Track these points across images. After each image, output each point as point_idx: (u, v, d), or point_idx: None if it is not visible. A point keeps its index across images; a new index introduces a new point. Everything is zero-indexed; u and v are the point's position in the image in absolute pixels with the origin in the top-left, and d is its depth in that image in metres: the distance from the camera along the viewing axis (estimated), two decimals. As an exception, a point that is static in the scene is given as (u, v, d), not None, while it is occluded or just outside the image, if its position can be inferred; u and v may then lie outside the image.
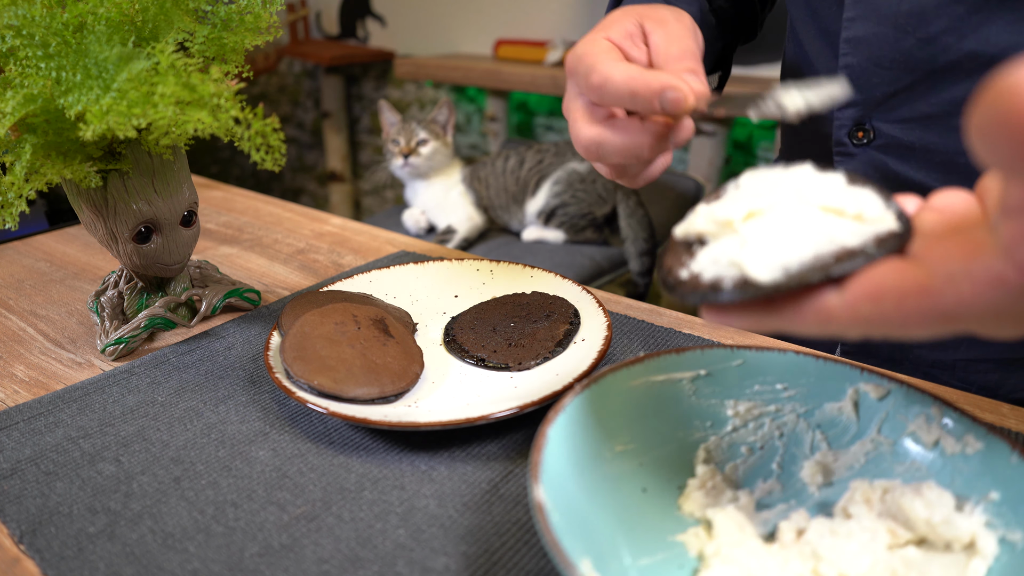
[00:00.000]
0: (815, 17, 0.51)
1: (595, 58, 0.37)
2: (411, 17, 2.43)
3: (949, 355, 0.52)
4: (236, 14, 0.47)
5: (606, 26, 0.41)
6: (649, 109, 0.35)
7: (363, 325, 0.45)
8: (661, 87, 0.34)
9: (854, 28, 0.46)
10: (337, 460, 0.38)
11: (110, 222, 0.47)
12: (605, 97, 0.36)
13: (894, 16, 0.44)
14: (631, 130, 0.37)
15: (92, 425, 0.41)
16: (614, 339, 0.49)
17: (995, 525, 0.28)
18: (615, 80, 0.35)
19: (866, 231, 0.23)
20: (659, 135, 0.37)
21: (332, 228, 0.76)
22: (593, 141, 0.38)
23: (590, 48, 0.38)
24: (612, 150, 0.38)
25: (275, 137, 0.40)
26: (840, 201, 0.24)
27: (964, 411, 0.31)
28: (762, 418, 0.35)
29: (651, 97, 0.34)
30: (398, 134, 1.45)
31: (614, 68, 0.36)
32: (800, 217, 0.24)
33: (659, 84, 0.34)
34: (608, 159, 0.38)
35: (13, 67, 0.40)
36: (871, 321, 0.22)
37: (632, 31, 0.40)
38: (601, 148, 0.38)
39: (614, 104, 0.37)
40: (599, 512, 0.30)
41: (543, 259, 1.35)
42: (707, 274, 0.25)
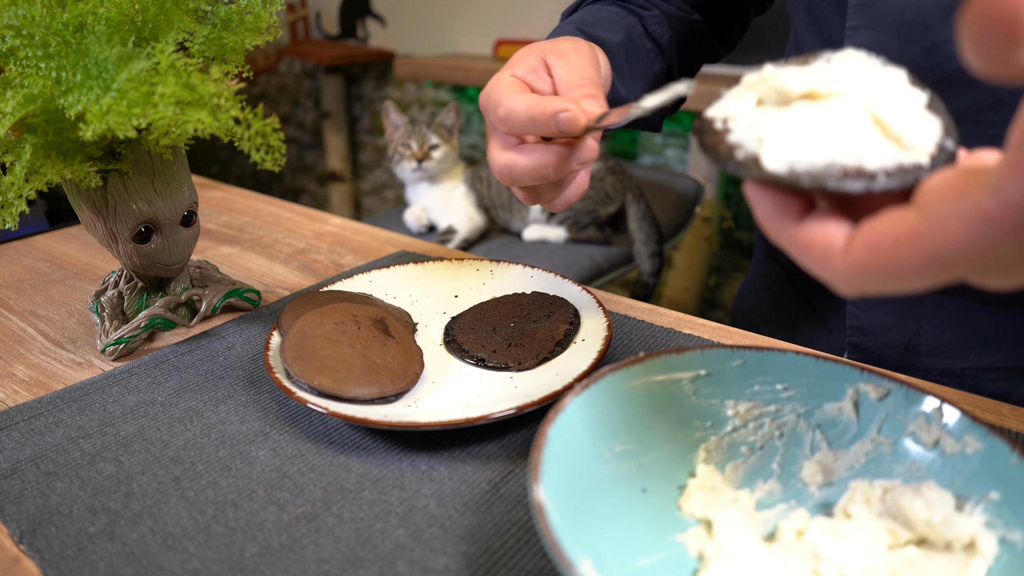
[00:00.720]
0: (817, 26, 0.51)
1: (500, 94, 0.41)
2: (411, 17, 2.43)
3: (958, 363, 0.51)
4: (236, 14, 0.47)
5: (512, 64, 0.45)
6: (549, 131, 0.39)
7: (363, 325, 0.45)
8: (554, 111, 0.38)
9: (857, 37, 0.46)
10: (337, 460, 0.38)
11: (110, 222, 0.47)
12: (512, 126, 0.40)
13: (897, 25, 0.44)
14: (536, 152, 0.40)
15: (92, 425, 0.41)
16: (614, 339, 0.49)
17: (995, 525, 0.28)
18: (517, 110, 0.40)
19: (894, 157, 0.23)
20: (561, 155, 0.40)
21: (332, 228, 0.76)
22: (505, 165, 0.41)
23: (496, 86, 0.43)
24: (521, 172, 0.41)
25: (275, 137, 0.40)
26: (894, 118, 0.23)
27: (964, 411, 0.31)
28: (762, 418, 0.35)
29: (547, 121, 0.38)
30: (408, 137, 1.45)
31: (515, 100, 0.40)
32: (846, 118, 0.23)
33: (552, 108, 0.38)
34: (520, 181, 0.42)
35: (13, 67, 0.40)
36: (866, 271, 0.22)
37: (535, 65, 0.44)
38: (512, 171, 0.41)
39: (520, 131, 0.40)
40: (599, 512, 0.30)
41: (543, 259, 1.35)
42: (734, 137, 0.25)
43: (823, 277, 0.24)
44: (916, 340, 0.52)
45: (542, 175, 0.41)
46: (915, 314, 0.52)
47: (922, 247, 0.20)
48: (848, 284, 0.23)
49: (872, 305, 0.53)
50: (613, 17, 0.56)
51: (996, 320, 0.49)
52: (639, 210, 1.40)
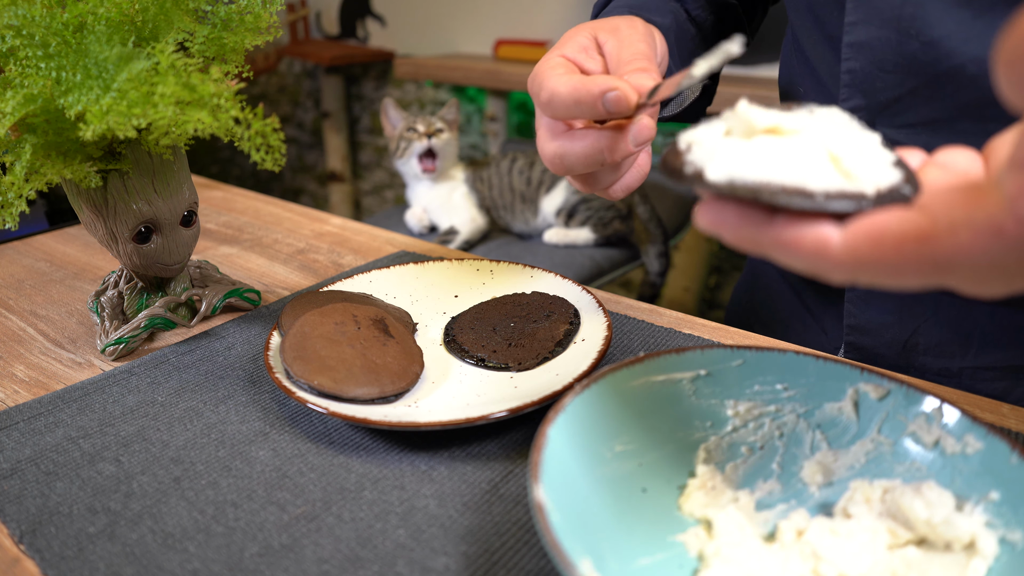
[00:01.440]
0: (816, 21, 0.51)
1: (544, 75, 0.39)
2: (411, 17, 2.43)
3: (955, 363, 0.51)
4: (236, 14, 0.47)
5: (561, 44, 0.42)
6: (596, 114, 0.36)
7: (363, 325, 0.45)
8: (601, 90, 0.35)
9: (856, 32, 0.45)
10: (337, 460, 0.38)
11: (110, 222, 0.47)
12: (556, 111, 0.38)
13: (896, 20, 0.43)
14: (588, 137, 0.38)
15: (92, 425, 0.41)
16: (614, 339, 0.49)
17: (995, 525, 0.28)
18: (560, 93, 0.37)
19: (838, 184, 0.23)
20: (615, 138, 0.37)
21: (332, 228, 0.76)
22: (556, 154, 0.39)
23: (542, 67, 0.40)
24: (575, 159, 0.38)
25: (275, 137, 0.40)
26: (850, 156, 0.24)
27: (964, 411, 0.31)
28: (762, 418, 0.35)
29: (594, 102, 0.35)
30: (414, 122, 1.45)
31: (559, 81, 0.37)
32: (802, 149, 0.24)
33: (599, 87, 0.35)
34: (574, 169, 0.39)
35: (13, 67, 0.40)
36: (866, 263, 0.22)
37: (586, 44, 0.42)
38: (564, 159, 0.39)
39: (565, 116, 0.38)
40: (599, 512, 0.30)
41: (543, 259, 1.35)
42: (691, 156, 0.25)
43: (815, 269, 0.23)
44: (913, 339, 0.52)
45: (596, 161, 0.38)
46: (912, 313, 0.52)
47: (930, 249, 0.21)
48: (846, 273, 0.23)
49: (869, 304, 0.53)
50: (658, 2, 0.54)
51: (993, 319, 0.49)
52: (647, 211, 1.41)
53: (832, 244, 0.22)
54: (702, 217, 0.25)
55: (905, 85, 0.45)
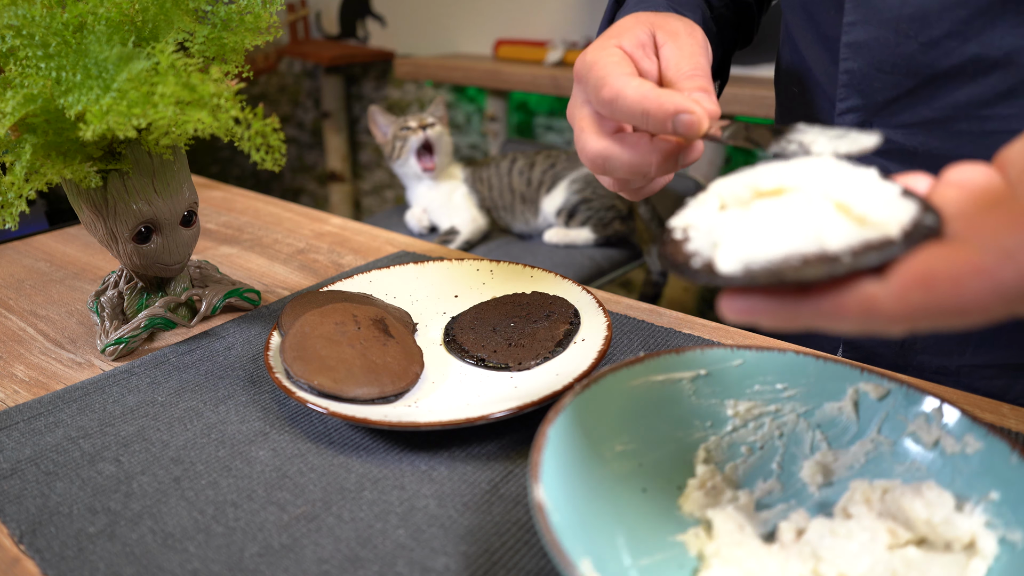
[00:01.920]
0: (812, 22, 0.51)
1: (606, 69, 0.36)
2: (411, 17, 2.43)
3: (953, 361, 0.51)
4: (236, 14, 0.47)
5: (618, 33, 0.40)
6: (661, 130, 0.34)
7: (363, 325, 0.45)
8: (676, 109, 0.33)
9: (854, 32, 0.45)
10: (337, 460, 0.38)
11: (110, 222, 0.47)
12: (616, 112, 0.35)
13: (895, 20, 0.43)
14: (640, 147, 0.36)
15: (92, 425, 0.41)
16: (614, 339, 0.49)
17: (995, 525, 0.28)
18: (628, 97, 0.34)
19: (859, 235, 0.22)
20: (668, 154, 0.36)
21: (332, 228, 0.76)
22: (600, 155, 0.37)
23: (601, 57, 0.37)
24: (619, 166, 0.37)
25: (275, 137, 0.40)
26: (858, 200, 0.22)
27: (964, 411, 0.31)
28: (762, 418, 0.35)
29: (664, 119, 0.33)
30: (405, 122, 1.45)
31: (627, 84, 0.35)
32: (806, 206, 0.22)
33: (673, 106, 0.33)
34: (614, 174, 0.38)
35: (13, 67, 0.40)
36: (924, 310, 0.20)
37: (644, 41, 0.39)
38: (608, 163, 0.37)
39: (624, 120, 0.36)
40: (599, 512, 0.30)
41: (543, 259, 1.35)
42: (692, 246, 0.24)
43: (869, 329, 0.22)
44: (911, 338, 0.52)
45: (641, 173, 0.37)
46: None
47: (991, 282, 0.19)
48: (903, 325, 0.21)
49: None
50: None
51: None
52: (648, 210, 1.41)
53: (880, 301, 0.21)
54: (729, 311, 0.23)
55: (903, 85, 0.45)
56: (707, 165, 1.71)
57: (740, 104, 1.51)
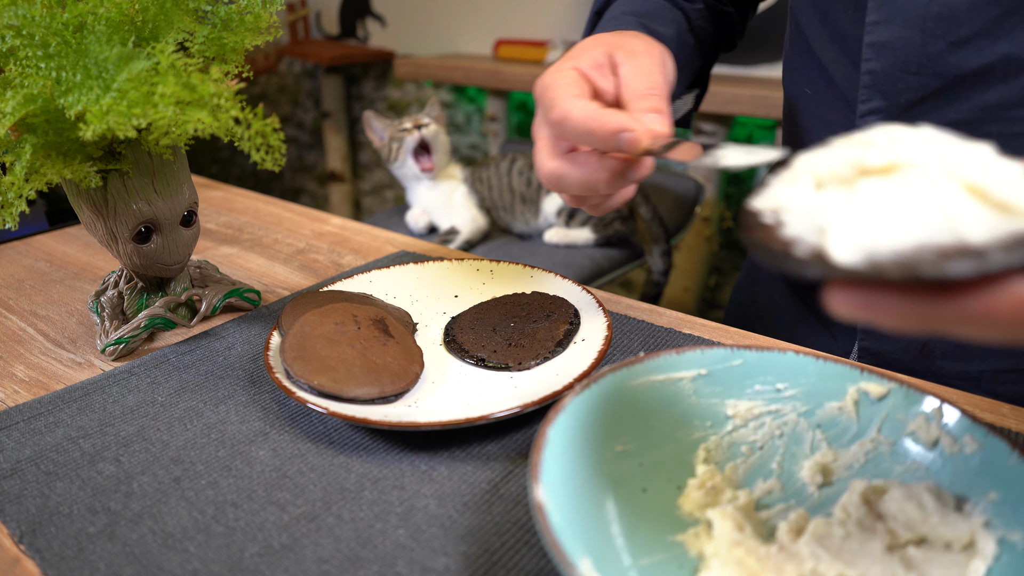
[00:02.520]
0: (827, 21, 0.50)
1: (557, 91, 0.38)
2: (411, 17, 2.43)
3: (975, 366, 0.50)
4: (236, 14, 0.47)
5: (576, 55, 0.41)
6: (606, 147, 0.36)
7: (363, 325, 0.45)
8: (617, 128, 0.35)
9: (878, 32, 0.44)
10: (337, 460, 0.38)
11: (110, 222, 0.47)
12: (565, 132, 0.38)
13: (922, 19, 0.42)
14: (589, 165, 0.38)
15: (92, 425, 0.41)
16: (614, 339, 0.49)
17: (995, 525, 0.28)
18: (573, 118, 0.37)
19: (1004, 226, 0.18)
20: (616, 171, 0.38)
21: (332, 228, 0.76)
22: (553, 174, 0.39)
23: (556, 79, 0.39)
24: (571, 183, 0.39)
25: (275, 137, 0.40)
26: (993, 183, 0.19)
27: (964, 411, 0.31)
28: (762, 418, 0.35)
29: (607, 137, 0.36)
30: (400, 123, 1.45)
31: (573, 105, 0.37)
32: (930, 188, 0.19)
33: (615, 125, 0.35)
34: (568, 191, 0.40)
35: (13, 67, 0.40)
36: None
37: (601, 61, 0.41)
38: (561, 181, 0.39)
39: (573, 140, 0.38)
40: (599, 512, 0.30)
41: (543, 259, 1.35)
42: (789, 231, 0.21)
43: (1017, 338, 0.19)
44: (931, 343, 0.51)
45: (592, 189, 0.39)
46: None
47: None
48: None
49: None
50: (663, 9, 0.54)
51: None
52: (648, 211, 1.42)
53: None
54: (842, 306, 0.20)
55: (928, 87, 0.44)
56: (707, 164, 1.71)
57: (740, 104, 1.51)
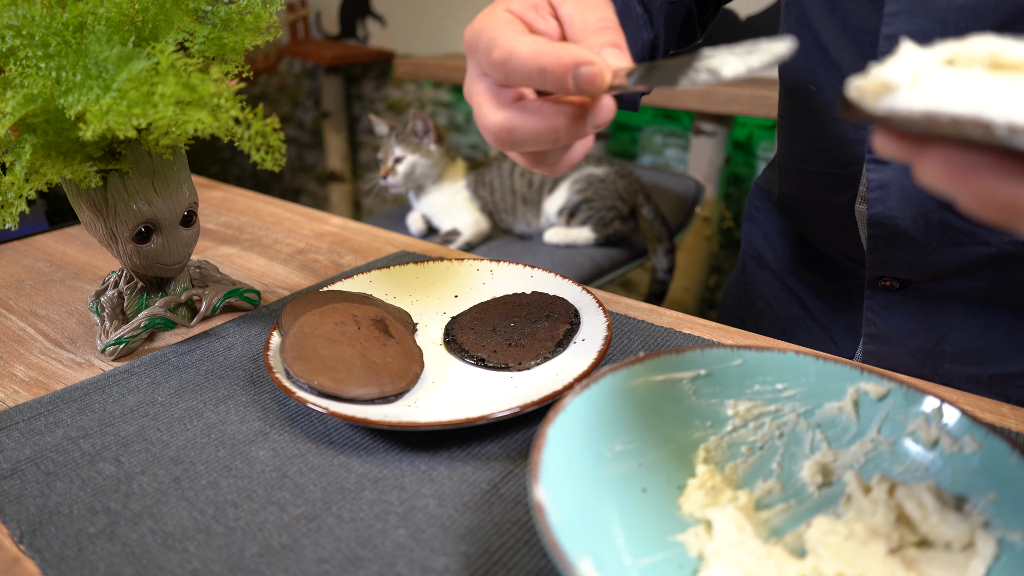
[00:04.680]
0: (837, 12, 0.48)
1: (496, 31, 0.33)
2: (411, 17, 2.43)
3: (985, 370, 0.49)
4: (236, 14, 0.47)
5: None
6: (561, 88, 0.31)
7: (363, 325, 0.45)
8: (574, 62, 0.30)
9: (896, 24, 0.42)
10: (337, 460, 0.38)
11: (110, 222, 0.47)
12: (510, 75, 0.32)
13: (944, 11, 0.40)
14: (544, 113, 0.33)
15: (92, 425, 0.41)
16: (614, 339, 0.49)
17: (995, 525, 0.28)
18: (521, 55, 0.31)
19: None
20: (575, 117, 0.33)
21: (332, 228, 0.76)
22: (502, 128, 0.34)
23: (489, 21, 0.34)
24: (525, 136, 0.33)
25: (275, 137, 0.40)
26: None
27: (964, 411, 0.31)
28: (762, 418, 0.35)
29: (563, 74, 0.30)
30: (381, 151, 1.46)
31: (519, 41, 0.32)
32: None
33: (571, 59, 0.30)
34: (522, 147, 0.34)
35: (13, 67, 0.40)
36: None
37: (537, 2, 0.36)
38: (512, 135, 0.34)
39: (521, 83, 0.33)
40: (599, 512, 0.30)
41: (543, 259, 1.35)
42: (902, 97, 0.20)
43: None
44: (939, 347, 0.50)
45: (551, 141, 0.33)
46: (939, 321, 0.50)
47: None
48: None
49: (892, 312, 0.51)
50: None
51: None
52: (651, 210, 1.42)
53: None
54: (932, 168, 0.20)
55: None
56: (707, 165, 1.71)
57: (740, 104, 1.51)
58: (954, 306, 0.49)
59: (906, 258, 0.48)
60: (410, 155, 1.42)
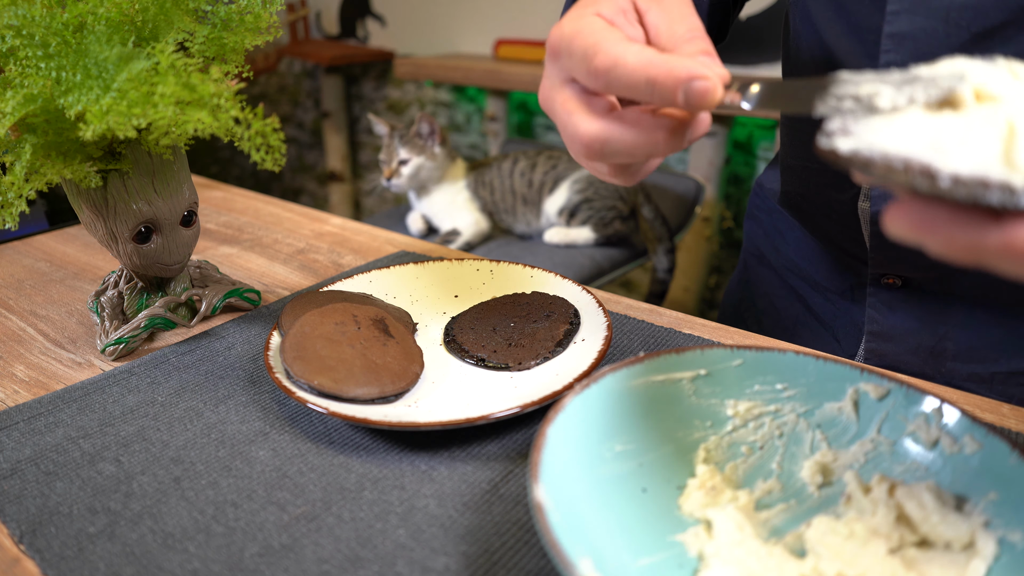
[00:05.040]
0: (842, 11, 0.48)
1: (596, 36, 0.31)
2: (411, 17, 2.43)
3: (987, 368, 0.49)
4: (236, 14, 0.47)
5: (593, 1, 0.35)
6: (668, 102, 0.29)
7: (363, 325, 0.45)
8: (688, 76, 0.28)
9: (899, 23, 0.42)
10: (337, 460, 0.38)
11: (110, 222, 0.47)
12: (612, 84, 0.31)
13: (946, 9, 0.40)
14: (643, 125, 0.31)
15: (92, 425, 0.41)
16: (614, 339, 0.49)
17: (995, 525, 0.28)
18: (628, 65, 0.30)
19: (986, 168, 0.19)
20: (674, 130, 0.31)
21: (332, 228, 0.76)
22: (598, 138, 0.32)
23: (585, 26, 0.33)
24: (621, 148, 0.32)
25: (275, 137, 0.40)
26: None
27: (964, 411, 0.31)
28: (762, 418, 0.35)
29: (674, 87, 0.29)
30: (384, 152, 1.45)
31: (626, 50, 0.30)
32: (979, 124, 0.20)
33: (685, 72, 0.28)
34: (614, 158, 0.33)
35: (13, 67, 0.40)
36: None
37: (625, 7, 0.35)
38: (607, 146, 0.32)
39: (623, 93, 0.31)
40: (599, 512, 0.30)
41: (543, 259, 1.35)
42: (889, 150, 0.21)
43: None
44: (941, 345, 0.50)
45: (646, 154, 0.32)
46: (942, 319, 0.50)
47: None
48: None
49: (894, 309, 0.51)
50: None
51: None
52: (651, 210, 1.42)
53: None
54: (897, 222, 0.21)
55: None
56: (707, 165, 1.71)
57: (740, 104, 1.51)
58: (957, 304, 0.49)
59: (909, 256, 0.48)
60: (415, 157, 1.42)
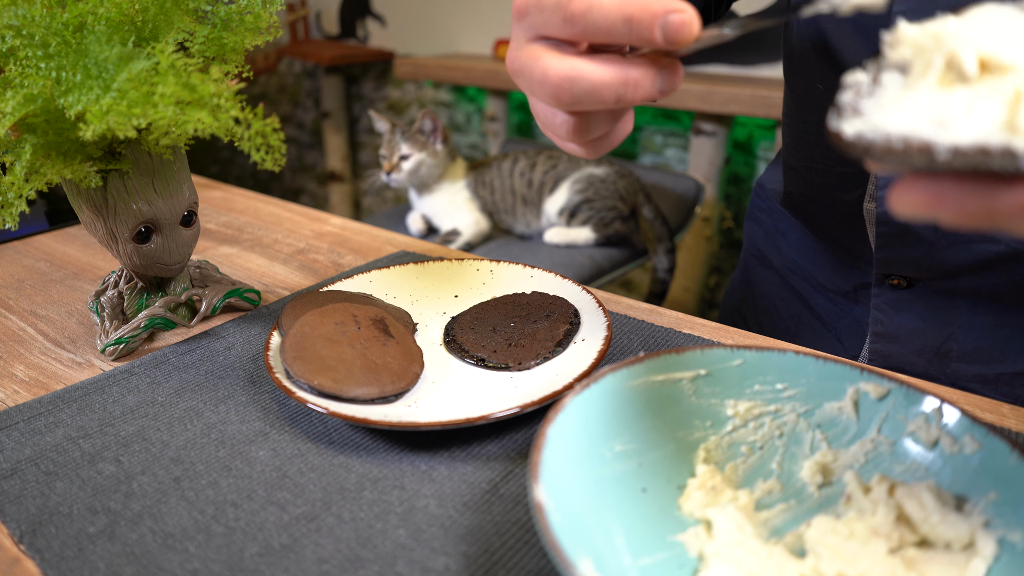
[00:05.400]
0: None
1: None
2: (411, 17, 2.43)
3: (992, 369, 0.49)
4: (236, 14, 0.47)
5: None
6: (646, 40, 0.28)
7: (363, 325, 0.45)
8: (664, 9, 0.27)
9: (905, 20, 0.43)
10: (337, 460, 0.38)
11: (110, 222, 0.47)
12: (589, 27, 0.29)
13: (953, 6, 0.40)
14: (616, 62, 0.30)
15: (92, 425, 0.41)
16: (614, 339, 0.49)
17: (995, 525, 0.28)
18: (604, 5, 0.29)
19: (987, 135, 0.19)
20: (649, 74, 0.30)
21: (332, 228, 0.76)
22: (567, 77, 0.30)
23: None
24: (589, 87, 0.30)
25: (275, 137, 0.40)
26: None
27: (964, 411, 0.31)
28: (762, 418, 0.35)
29: (651, 22, 0.28)
30: (384, 147, 1.45)
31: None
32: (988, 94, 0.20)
33: (661, 6, 0.27)
34: (582, 102, 0.31)
35: (13, 67, 0.40)
36: None
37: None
38: (576, 85, 0.30)
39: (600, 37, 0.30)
40: (599, 512, 0.30)
41: (543, 259, 1.35)
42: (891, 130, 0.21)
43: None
44: (946, 345, 0.50)
45: (613, 97, 0.30)
46: (947, 319, 0.50)
47: None
48: None
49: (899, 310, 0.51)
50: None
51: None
52: (651, 210, 1.42)
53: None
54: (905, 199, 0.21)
55: None
56: (707, 165, 1.71)
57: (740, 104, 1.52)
58: (962, 304, 0.49)
59: (915, 256, 0.48)
60: (417, 153, 1.42)
